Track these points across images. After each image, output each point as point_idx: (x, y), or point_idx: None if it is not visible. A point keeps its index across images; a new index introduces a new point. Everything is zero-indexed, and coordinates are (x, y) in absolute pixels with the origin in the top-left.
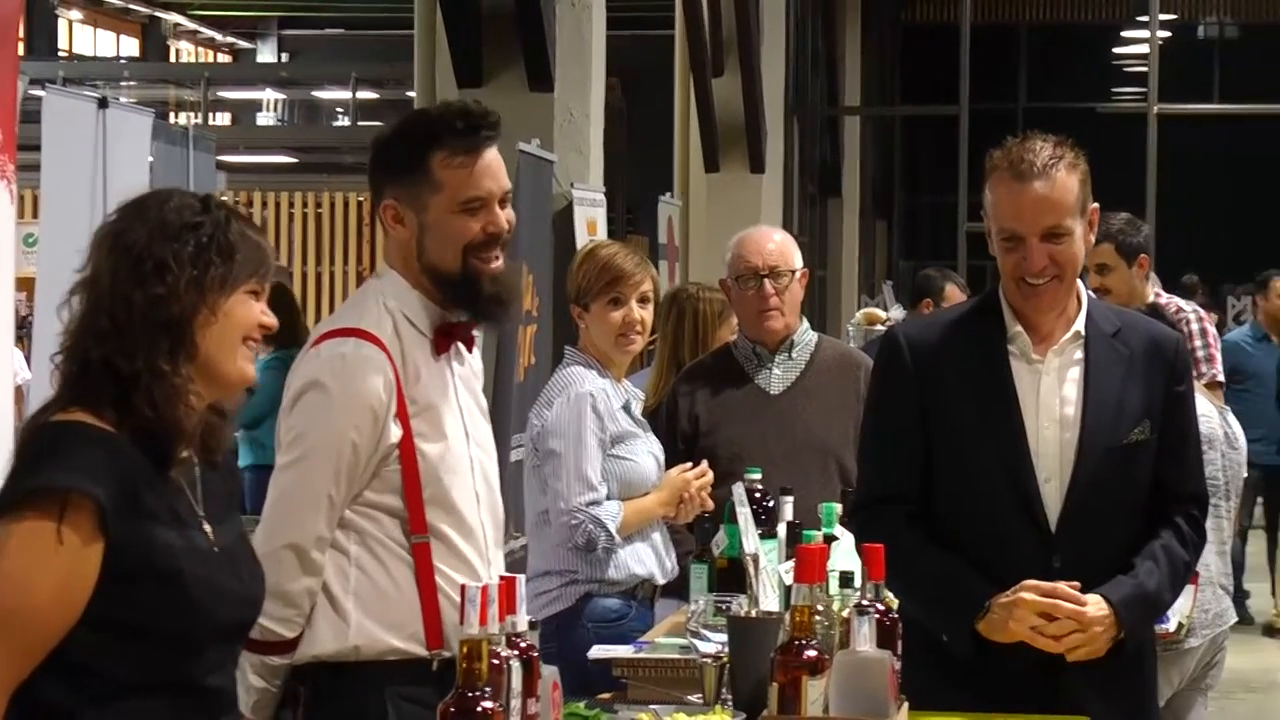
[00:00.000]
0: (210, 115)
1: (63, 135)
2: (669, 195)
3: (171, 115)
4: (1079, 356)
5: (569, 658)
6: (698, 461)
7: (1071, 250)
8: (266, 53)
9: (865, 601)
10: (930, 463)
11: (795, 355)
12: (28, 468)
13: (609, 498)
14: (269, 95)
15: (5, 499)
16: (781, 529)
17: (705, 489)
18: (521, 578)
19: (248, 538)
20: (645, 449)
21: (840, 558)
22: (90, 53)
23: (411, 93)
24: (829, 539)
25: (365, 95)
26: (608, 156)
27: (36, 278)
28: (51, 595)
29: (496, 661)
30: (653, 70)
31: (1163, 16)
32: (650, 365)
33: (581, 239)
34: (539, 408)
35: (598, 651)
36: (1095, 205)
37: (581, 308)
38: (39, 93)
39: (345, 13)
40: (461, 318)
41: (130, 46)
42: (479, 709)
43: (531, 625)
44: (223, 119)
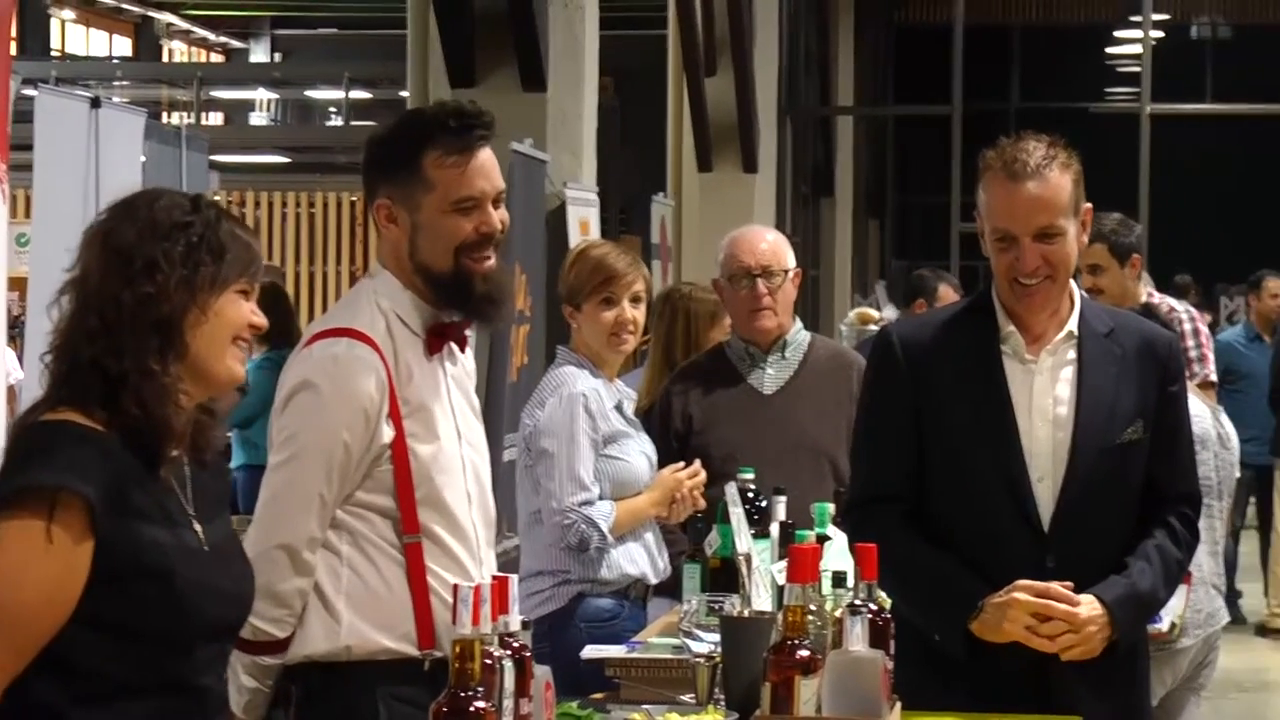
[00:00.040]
0: (203, 115)
1: (55, 135)
2: (662, 195)
3: (164, 115)
4: (1072, 356)
5: (561, 658)
6: (690, 461)
7: (1064, 250)
8: (259, 53)
9: (858, 601)
10: (923, 463)
11: (788, 355)
12: (17, 467)
13: (601, 497)
14: (262, 95)
15: None
16: (774, 529)
17: (697, 488)
18: (514, 577)
19: (237, 537)
20: (637, 449)
21: (833, 557)
22: (83, 52)
23: (404, 93)
24: (822, 539)
25: (358, 95)
26: (601, 156)
27: (29, 278)
28: (41, 594)
29: (489, 661)
30: (646, 70)
31: (1155, 17)
32: (643, 365)
33: (574, 239)
34: (531, 407)
35: (590, 651)
36: (1088, 205)
37: (573, 308)
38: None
39: (338, 13)
40: (454, 318)
41: (123, 46)
42: (471, 709)
43: (524, 625)
44: (215, 119)
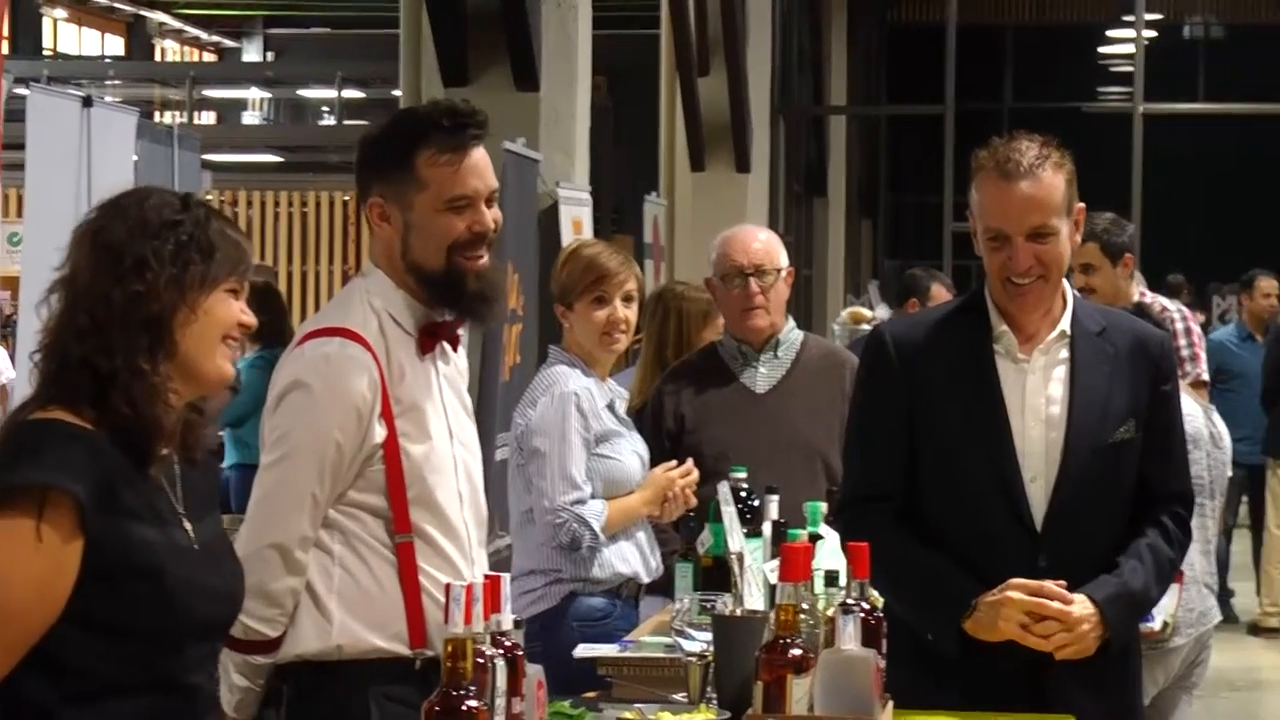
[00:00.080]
0: (195, 114)
1: (47, 134)
2: (655, 194)
3: (157, 114)
4: (1064, 356)
5: (554, 656)
6: (683, 460)
7: (1057, 250)
8: (252, 52)
9: (850, 600)
10: (916, 462)
11: (781, 354)
12: (6, 465)
13: (593, 497)
14: (254, 94)
15: None
16: (767, 528)
17: (689, 487)
18: (506, 576)
19: (227, 536)
20: (629, 448)
21: (825, 556)
22: (75, 52)
23: (397, 92)
24: (814, 538)
25: (351, 94)
26: (593, 155)
27: (21, 277)
28: (31, 592)
29: (481, 660)
30: (639, 70)
31: (1148, 16)
32: (635, 364)
33: (567, 238)
34: (523, 407)
35: (583, 650)
36: (1081, 205)
37: (565, 307)
38: (24, 92)
39: (331, 12)
40: (446, 317)
41: (115, 45)
42: (464, 708)
43: (516, 624)
44: (208, 118)
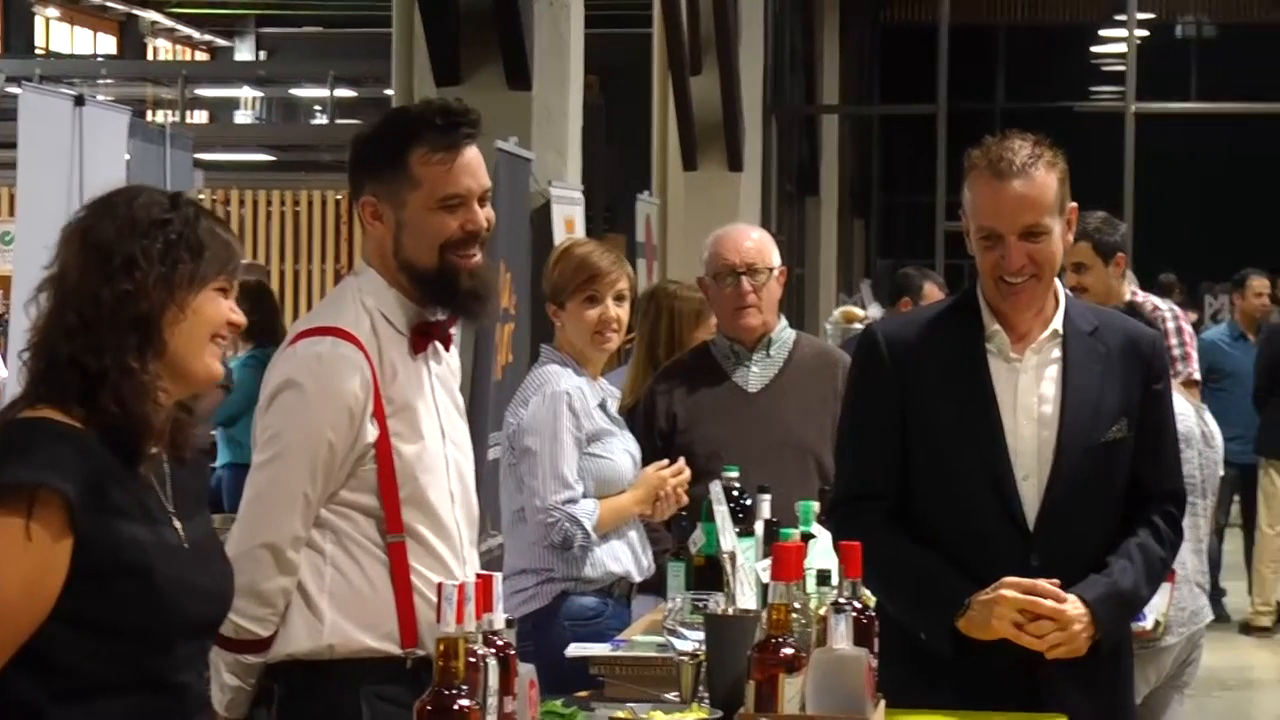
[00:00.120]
0: (188, 113)
1: (39, 133)
2: (647, 193)
3: (149, 113)
4: (1057, 355)
5: (546, 656)
6: (675, 459)
7: (1050, 249)
8: (244, 51)
9: (842, 599)
10: (908, 461)
11: (773, 353)
12: None
13: (585, 496)
14: (247, 93)
15: None
16: (759, 527)
17: (681, 486)
18: (498, 576)
19: (217, 534)
20: (621, 447)
21: (817, 556)
22: (67, 50)
23: (389, 91)
24: (806, 537)
25: (343, 93)
26: (586, 154)
27: (13, 276)
28: (20, 591)
29: (473, 660)
30: (631, 69)
31: (1140, 16)
32: (627, 363)
33: (559, 237)
34: (515, 406)
35: (575, 649)
36: (1073, 205)
37: (557, 306)
38: (16, 90)
39: (323, 11)
40: (439, 316)
41: (107, 44)
42: (456, 707)
43: (508, 623)
44: (200, 117)
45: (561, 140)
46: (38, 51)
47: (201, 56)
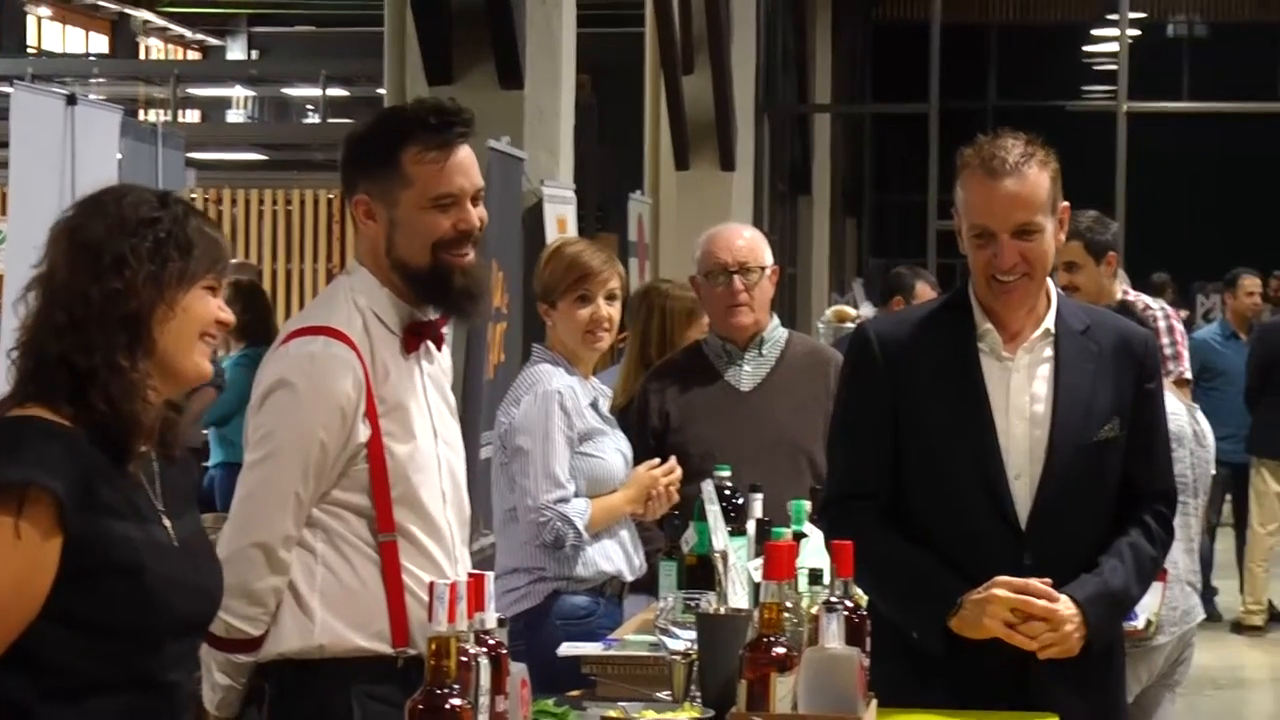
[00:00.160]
0: (180, 112)
1: (31, 132)
2: (639, 193)
3: (141, 112)
4: (1049, 354)
5: (537, 655)
6: (667, 458)
7: (1042, 247)
8: (236, 50)
9: (834, 598)
10: (900, 460)
11: (765, 352)
12: None
13: (577, 495)
14: (239, 92)
15: None
16: (751, 526)
17: (673, 485)
18: (490, 575)
19: (205, 533)
20: (613, 446)
21: (809, 555)
22: (59, 50)
23: (382, 90)
24: (798, 536)
25: (335, 92)
26: (578, 154)
27: (4, 275)
28: (10, 590)
29: (465, 659)
30: (623, 68)
31: (1132, 15)
32: (620, 362)
33: (551, 236)
34: (507, 405)
35: (567, 649)
36: (1065, 204)
37: (549, 305)
38: (7, 90)
39: (315, 10)
40: (431, 315)
41: (99, 43)
42: (447, 706)
43: (500, 622)
44: (192, 116)
45: (554, 139)
46: (29, 51)
47: (193, 56)
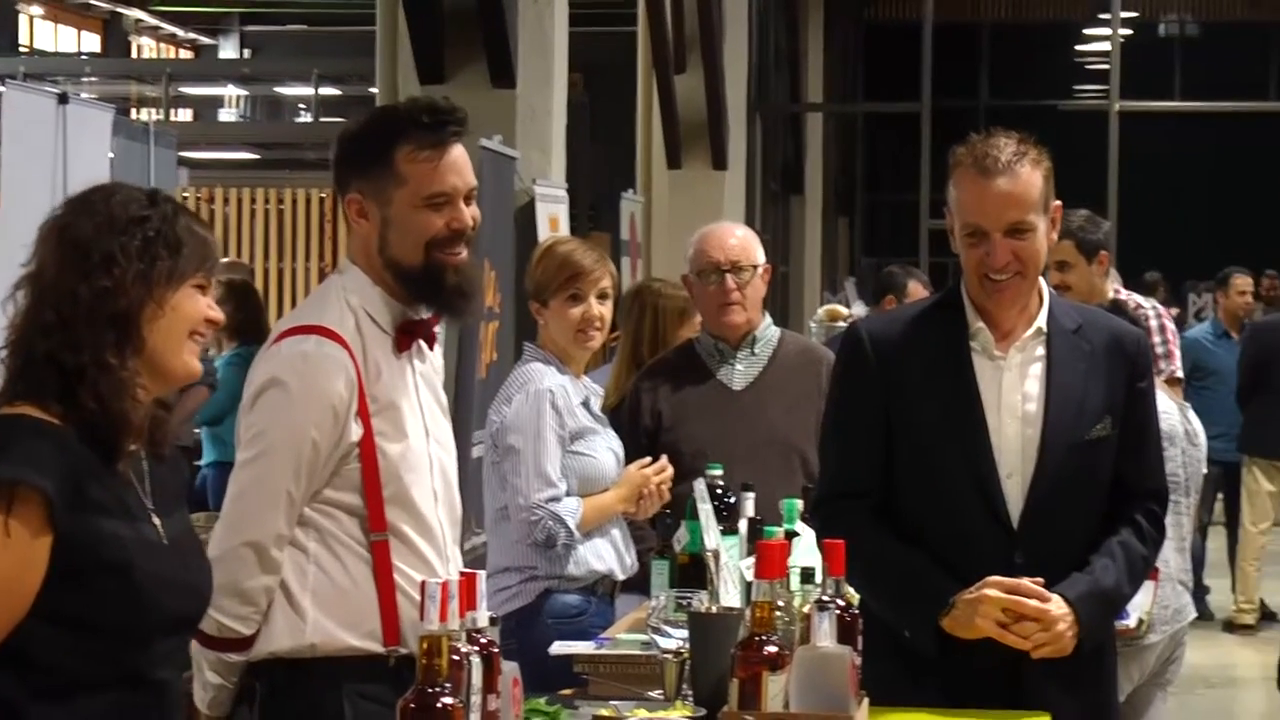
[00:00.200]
0: (172, 111)
1: (23, 131)
2: (631, 192)
3: (133, 111)
4: (1041, 353)
5: (529, 654)
6: (659, 457)
7: (1035, 246)
8: (228, 49)
9: (826, 597)
10: (892, 458)
11: (758, 351)
12: None
13: (568, 494)
14: (231, 91)
15: None
16: (743, 525)
17: (664, 484)
18: (482, 574)
19: (195, 531)
20: (604, 445)
21: (801, 554)
22: (51, 48)
23: (374, 89)
24: (790, 535)
25: (327, 91)
26: (570, 153)
27: None
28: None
29: (456, 657)
30: (615, 67)
31: (1124, 15)
32: (612, 361)
33: (544, 235)
34: (498, 404)
35: (559, 647)
36: (1058, 203)
37: (540, 304)
38: None
39: (307, 9)
40: (424, 314)
41: (91, 42)
42: (439, 705)
43: (492, 621)
44: (184, 115)
45: (546, 138)
46: (21, 49)
47: (186, 54)
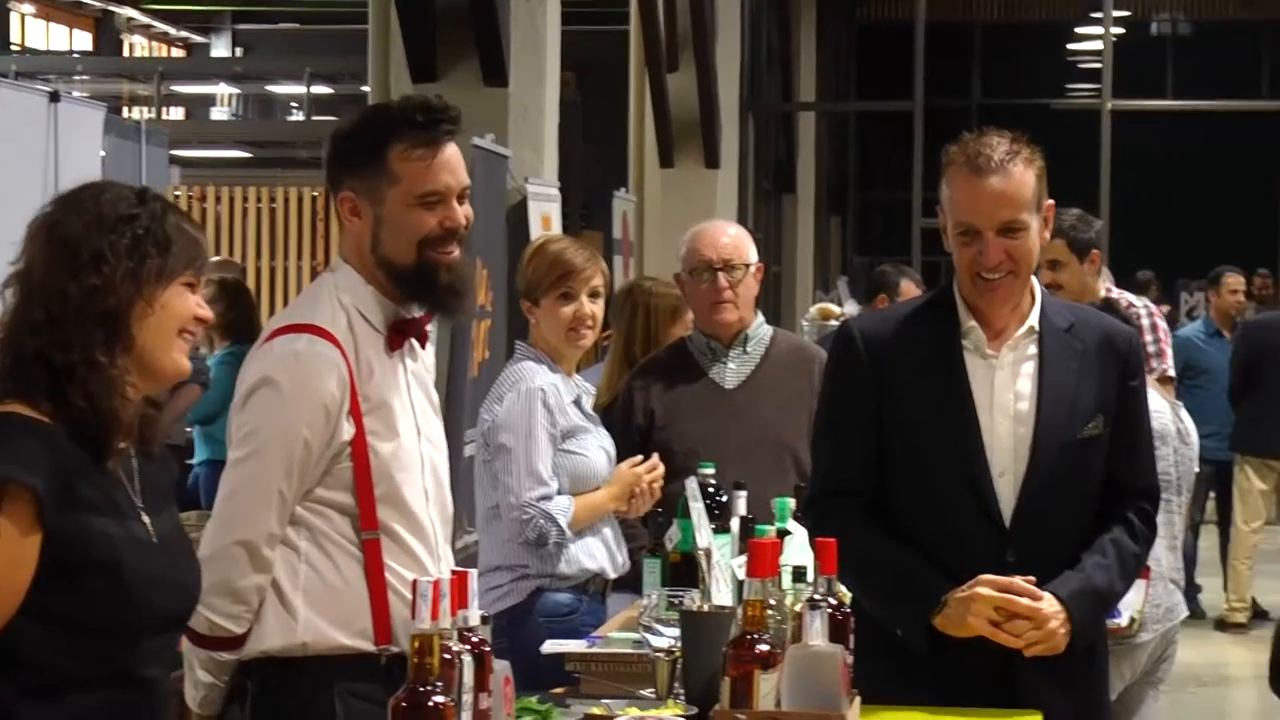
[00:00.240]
0: (164, 110)
1: (14, 129)
2: (624, 190)
3: (125, 110)
4: (1033, 351)
5: (520, 652)
6: (651, 456)
7: (1027, 245)
8: (220, 47)
9: (817, 596)
10: (884, 457)
11: (750, 349)
12: None
13: (560, 492)
14: (223, 90)
15: None
16: (735, 523)
17: (656, 482)
18: (473, 572)
19: (184, 529)
20: (596, 444)
21: (793, 552)
22: (43, 47)
23: (366, 88)
24: (782, 533)
25: (319, 90)
26: (562, 151)
27: None
28: None
29: (448, 656)
30: (608, 65)
31: (1116, 13)
32: (604, 360)
33: (536, 234)
34: (489, 403)
35: (551, 646)
36: (1050, 201)
37: (531, 303)
38: None
39: (299, 7)
40: (416, 312)
41: (83, 41)
42: (430, 704)
43: (483, 620)
44: (176, 114)
45: (538, 137)
46: (13, 48)
47: (177, 53)
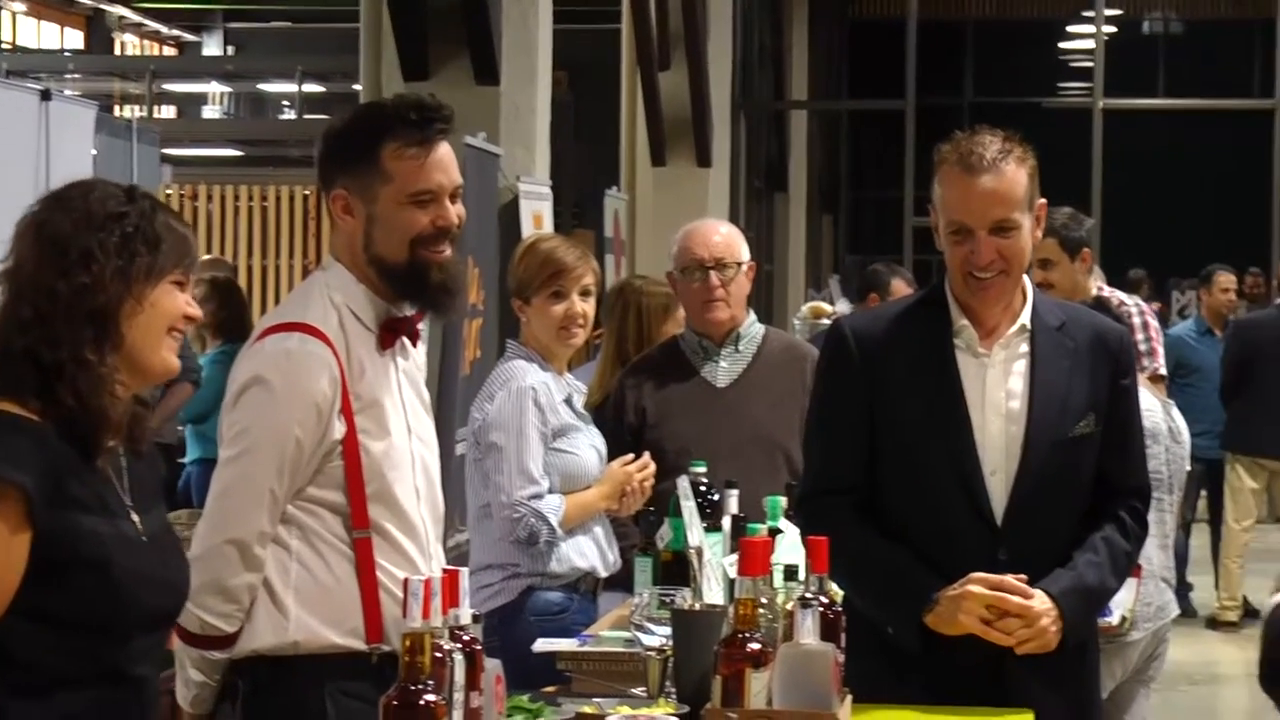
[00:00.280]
0: (155, 108)
1: (5, 128)
2: (616, 189)
3: (116, 108)
4: (1024, 350)
5: (512, 651)
6: (642, 454)
7: (1019, 244)
8: (212, 46)
9: (809, 594)
10: (876, 455)
11: (742, 348)
12: None
13: (551, 491)
14: (214, 88)
15: None
16: (726, 522)
17: (647, 481)
18: (465, 571)
19: (173, 527)
20: (587, 442)
21: (785, 551)
22: (34, 45)
23: (357, 86)
24: (774, 532)
25: (311, 89)
26: (554, 150)
27: None
28: None
29: (439, 655)
30: (599, 64)
31: (1108, 12)
32: (596, 359)
33: (528, 232)
34: (480, 401)
35: (542, 645)
36: (1042, 200)
37: (522, 301)
38: None
39: (291, 6)
40: (407, 311)
41: (75, 39)
42: (422, 702)
43: (474, 618)
44: (168, 112)
45: (530, 136)
46: (4, 46)
47: (169, 51)
